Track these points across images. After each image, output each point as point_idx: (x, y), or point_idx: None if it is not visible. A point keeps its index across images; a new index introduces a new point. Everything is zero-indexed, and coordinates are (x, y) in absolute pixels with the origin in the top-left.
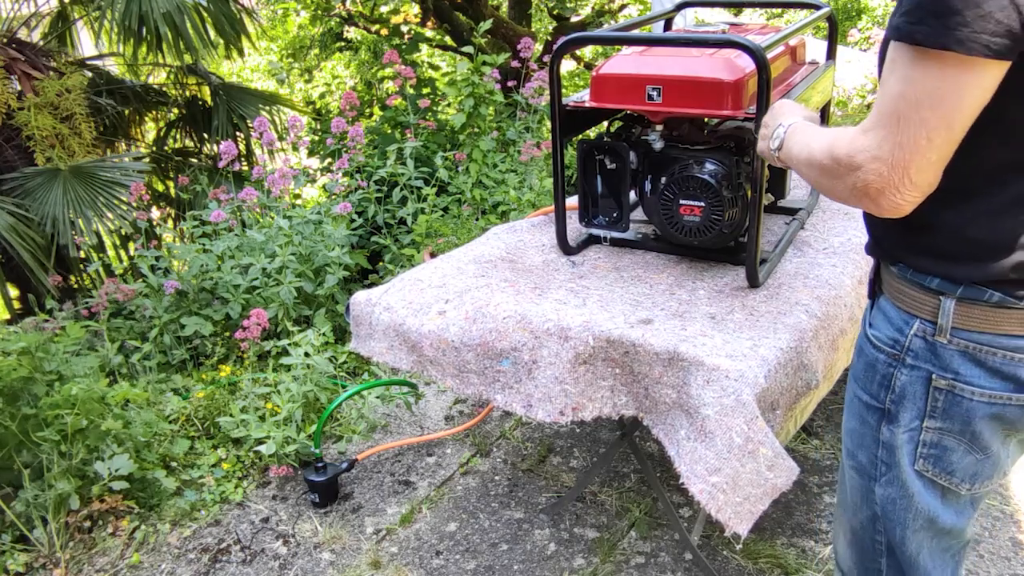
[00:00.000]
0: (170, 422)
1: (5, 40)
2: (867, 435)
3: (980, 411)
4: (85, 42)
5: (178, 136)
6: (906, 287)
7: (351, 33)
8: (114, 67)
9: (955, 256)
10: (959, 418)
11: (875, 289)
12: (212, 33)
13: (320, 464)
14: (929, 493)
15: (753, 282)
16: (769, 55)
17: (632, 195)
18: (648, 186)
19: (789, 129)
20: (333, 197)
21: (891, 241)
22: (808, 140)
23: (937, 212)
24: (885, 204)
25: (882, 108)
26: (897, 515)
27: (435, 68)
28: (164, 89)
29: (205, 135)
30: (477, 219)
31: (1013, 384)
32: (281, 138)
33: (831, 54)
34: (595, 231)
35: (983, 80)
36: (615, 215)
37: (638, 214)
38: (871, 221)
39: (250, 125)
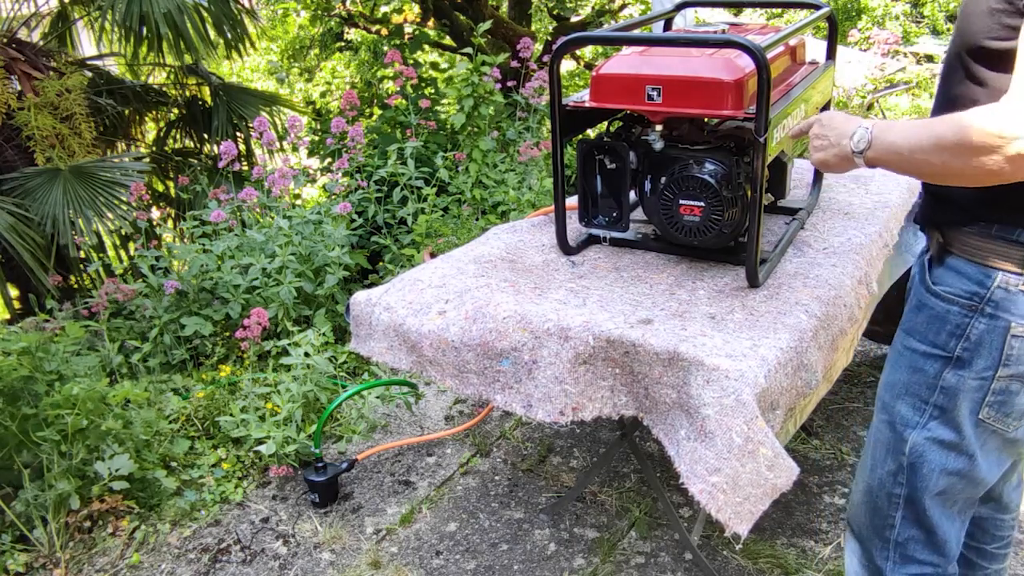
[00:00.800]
0: (170, 422)
1: (5, 40)
2: (919, 383)
3: None
4: (85, 42)
5: (178, 136)
6: (989, 243)
7: (352, 35)
8: (114, 67)
9: None
10: None
11: (938, 253)
12: (212, 33)
13: (320, 464)
14: (978, 442)
15: (753, 282)
16: (769, 55)
17: (632, 195)
18: (648, 186)
19: (875, 128)
20: (333, 197)
21: (971, 202)
22: (922, 129)
23: None
24: (1017, 169)
25: None
26: (934, 459)
27: (436, 68)
28: (164, 89)
29: (205, 135)
30: (477, 219)
31: None
32: (281, 138)
33: (831, 54)
34: (595, 231)
35: None
36: (615, 215)
37: (638, 214)
38: (941, 190)
39: (250, 125)
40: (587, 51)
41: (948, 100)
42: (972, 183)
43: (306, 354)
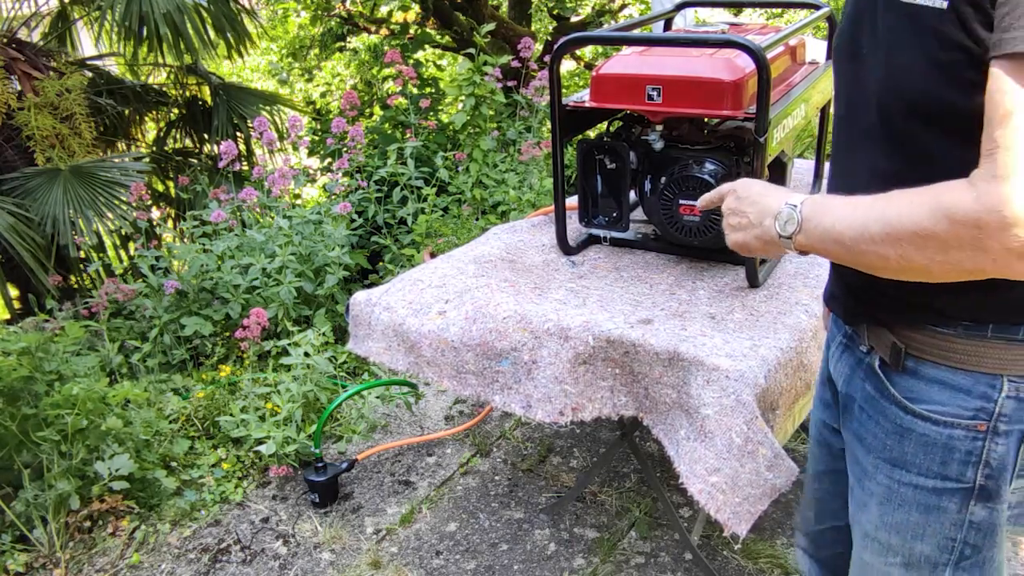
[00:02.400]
0: (170, 422)
1: (5, 40)
2: (940, 521)
3: None
4: (85, 42)
5: (178, 136)
6: (983, 346)
7: (353, 43)
8: (114, 67)
9: None
10: None
11: (894, 358)
12: (212, 33)
13: (320, 464)
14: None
15: (753, 282)
16: (769, 55)
17: (632, 195)
18: (648, 186)
19: (805, 207)
20: (333, 197)
21: (946, 302)
22: (869, 212)
23: None
24: None
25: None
26: None
27: (438, 67)
28: (164, 89)
29: (205, 135)
30: (477, 219)
31: None
32: (281, 138)
33: (831, 54)
34: (595, 231)
35: None
36: (615, 215)
37: (638, 214)
38: (888, 282)
39: (250, 125)
40: (587, 51)
41: (874, 176)
42: (936, 280)
43: (306, 354)
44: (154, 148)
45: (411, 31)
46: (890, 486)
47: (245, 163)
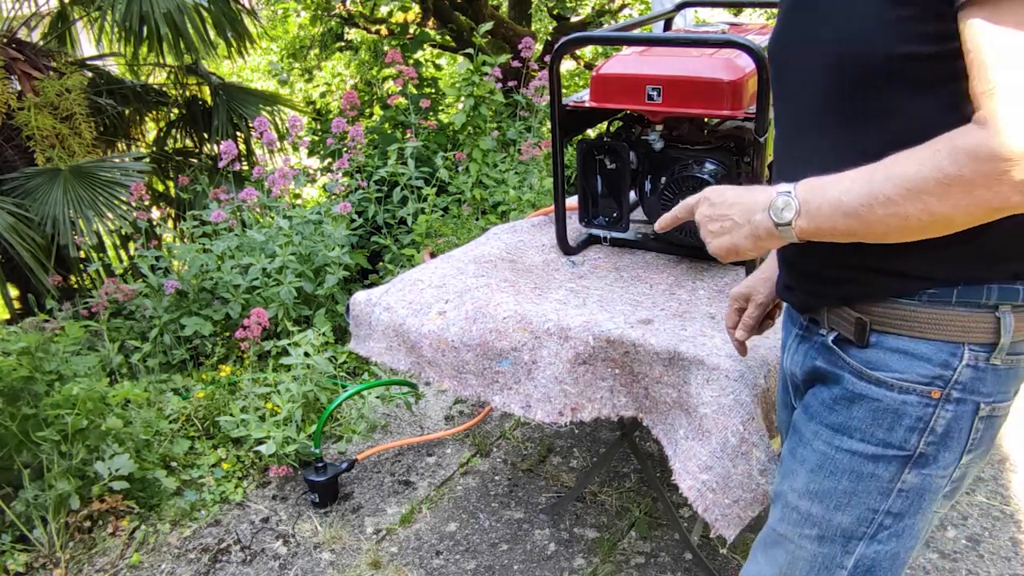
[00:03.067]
0: (170, 422)
1: (5, 40)
2: (868, 490)
3: (997, 425)
4: (85, 42)
5: (178, 136)
6: (948, 313)
7: (352, 35)
8: (114, 67)
9: (1020, 250)
10: (989, 439)
11: (859, 333)
12: (212, 33)
13: (320, 464)
14: (923, 533)
15: None
16: None
17: (632, 195)
18: (648, 186)
19: (799, 188)
20: (333, 197)
21: (913, 264)
22: (877, 175)
23: None
24: None
25: None
26: (886, 572)
27: (437, 68)
28: (164, 89)
29: (205, 135)
30: (477, 219)
31: (1018, 384)
32: (281, 138)
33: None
34: (595, 231)
35: None
36: (615, 215)
37: (638, 214)
38: (847, 258)
39: (250, 125)
40: (587, 51)
41: (836, 152)
42: (959, 227)
43: (306, 354)
44: (154, 148)
45: (411, 31)
46: (826, 452)
47: (245, 163)
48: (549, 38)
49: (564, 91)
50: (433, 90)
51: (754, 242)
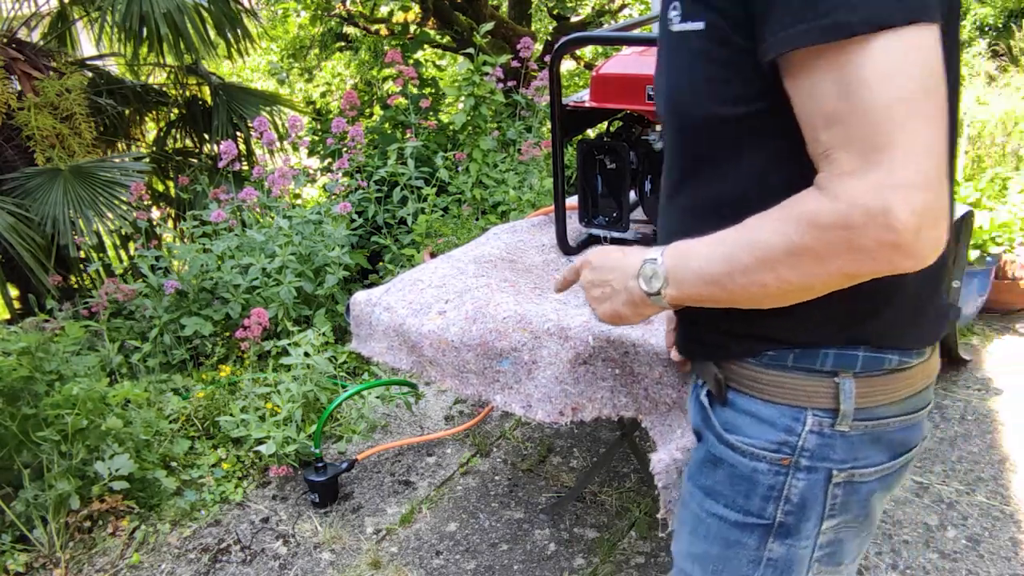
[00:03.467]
0: (170, 422)
1: (5, 40)
2: (738, 558)
3: (873, 488)
4: (85, 42)
5: (178, 136)
6: (786, 376)
7: (351, 32)
8: (114, 67)
9: (856, 313)
10: (856, 505)
11: (717, 389)
12: (212, 33)
13: (320, 464)
14: None
15: None
16: None
17: (632, 195)
18: (648, 186)
19: (666, 255)
20: (333, 197)
21: (752, 324)
22: (734, 242)
23: None
24: (924, 245)
25: (863, 127)
26: None
27: (438, 68)
28: (164, 89)
29: (205, 135)
30: (477, 219)
31: (897, 449)
32: (281, 138)
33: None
34: (595, 231)
35: (939, 51)
36: (615, 215)
37: (638, 214)
38: (699, 312)
39: (250, 125)
40: (587, 51)
41: (688, 201)
42: (824, 292)
43: (306, 354)
44: (154, 148)
45: (411, 31)
46: (699, 515)
47: (245, 163)
48: (549, 38)
49: (564, 91)
50: (433, 90)
51: (632, 309)
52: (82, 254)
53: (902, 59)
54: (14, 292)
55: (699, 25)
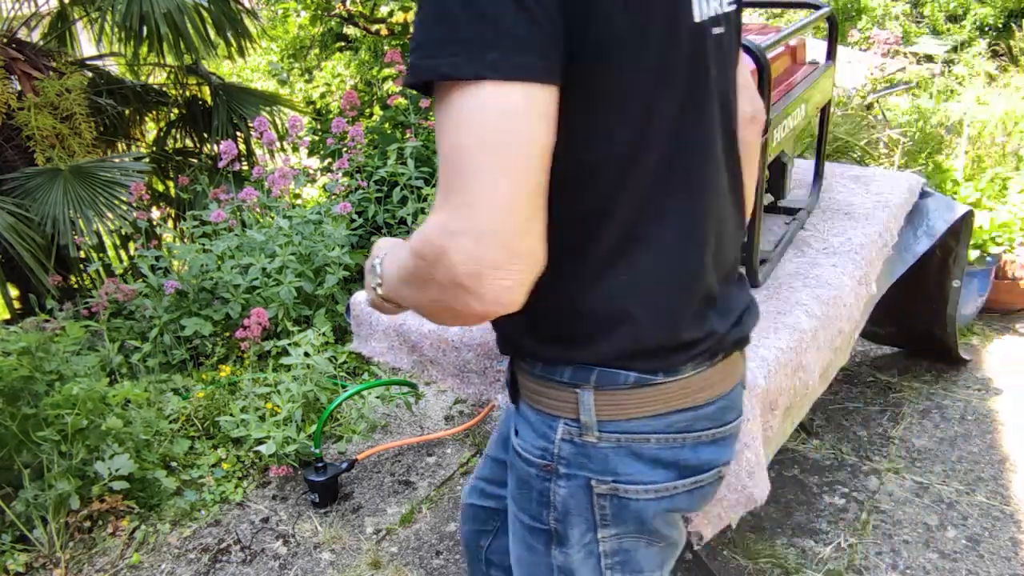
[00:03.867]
0: (170, 422)
1: (5, 40)
2: (536, 563)
3: (651, 508)
4: (85, 42)
5: (178, 136)
6: (541, 385)
7: (351, 29)
8: (114, 67)
9: (576, 336)
10: (632, 520)
11: (514, 391)
12: (212, 33)
13: (320, 464)
14: None
15: (753, 282)
16: (769, 55)
17: None
18: None
19: (388, 256)
20: (333, 197)
21: (516, 330)
22: (397, 253)
23: (549, 285)
24: (489, 291)
25: (443, 171)
26: None
27: None
28: (164, 89)
29: (205, 135)
30: None
31: (677, 470)
32: (281, 138)
33: (831, 54)
34: None
35: (534, 108)
36: None
37: None
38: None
39: (250, 125)
40: None
41: None
42: (457, 320)
43: (306, 354)
44: (154, 148)
45: (411, 31)
46: (510, 516)
47: (245, 163)
48: None
49: None
50: None
51: (373, 296)
52: (82, 254)
53: (466, 110)
54: (14, 292)
55: None
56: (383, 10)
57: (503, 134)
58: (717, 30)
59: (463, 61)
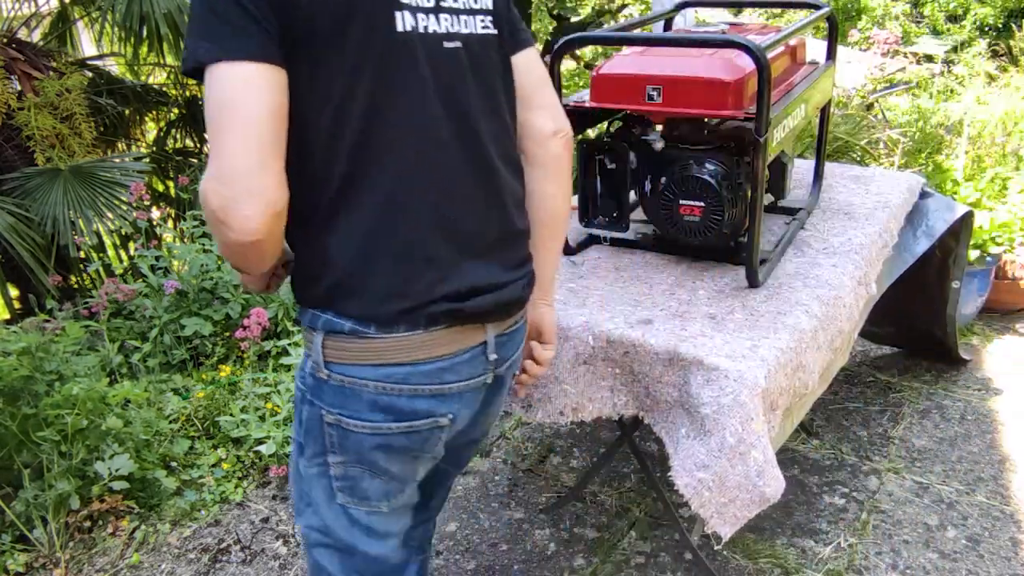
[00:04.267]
0: (170, 422)
1: (5, 40)
2: (293, 464)
3: (368, 442)
4: (85, 42)
5: (178, 136)
6: (301, 324)
7: None
8: (114, 67)
9: (310, 285)
10: (353, 450)
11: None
12: None
13: None
14: (351, 525)
15: (753, 282)
16: (769, 55)
17: (632, 195)
18: (648, 186)
19: None
20: None
21: (292, 278)
22: None
23: (299, 239)
24: (235, 222)
25: (207, 136)
26: (322, 559)
27: None
28: (164, 89)
29: (205, 135)
30: None
31: (393, 414)
32: None
33: (831, 54)
34: (595, 231)
35: (256, 80)
36: (615, 215)
37: (638, 214)
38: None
39: None
40: (587, 51)
41: None
42: (233, 253)
43: None
44: (154, 148)
45: None
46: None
47: None
48: (549, 38)
49: (564, 91)
50: None
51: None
52: (82, 254)
53: (212, 87)
54: (14, 292)
55: None
56: None
57: (234, 100)
58: (450, 44)
59: (209, 51)
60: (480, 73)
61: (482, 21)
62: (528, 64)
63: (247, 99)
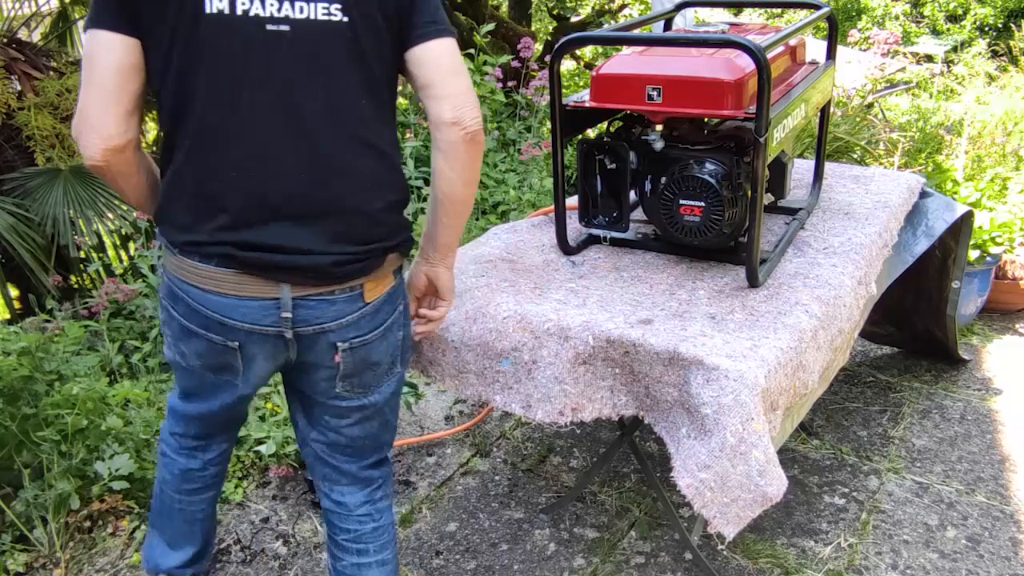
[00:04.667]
0: None
1: (5, 40)
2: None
3: (171, 324)
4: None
5: None
6: None
7: None
8: None
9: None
10: (167, 325)
11: None
12: None
13: None
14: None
15: (753, 282)
16: (769, 55)
17: (632, 195)
18: (648, 186)
19: None
20: None
21: None
22: None
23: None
24: (84, 149)
25: None
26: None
27: None
28: None
29: None
30: (477, 219)
31: (195, 321)
32: None
33: (831, 54)
34: (595, 231)
35: (107, 44)
36: (615, 215)
37: (638, 214)
38: None
39: None
40: (587, 51)
41: None
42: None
43: None
44: (154, 148)
45: None
46: None
47: None
48: (549, 38)
49: (564, 91)
50: None
51: None
52: (82, 254)
53: (85, 45)
54: (14, 292)
55: None
56: None
57: (91, 57)
58: (274, 27)
59: (88, 19)
60: (316, 55)
61: (324, 8)
62: (428, 55)
63: (99, 57)
